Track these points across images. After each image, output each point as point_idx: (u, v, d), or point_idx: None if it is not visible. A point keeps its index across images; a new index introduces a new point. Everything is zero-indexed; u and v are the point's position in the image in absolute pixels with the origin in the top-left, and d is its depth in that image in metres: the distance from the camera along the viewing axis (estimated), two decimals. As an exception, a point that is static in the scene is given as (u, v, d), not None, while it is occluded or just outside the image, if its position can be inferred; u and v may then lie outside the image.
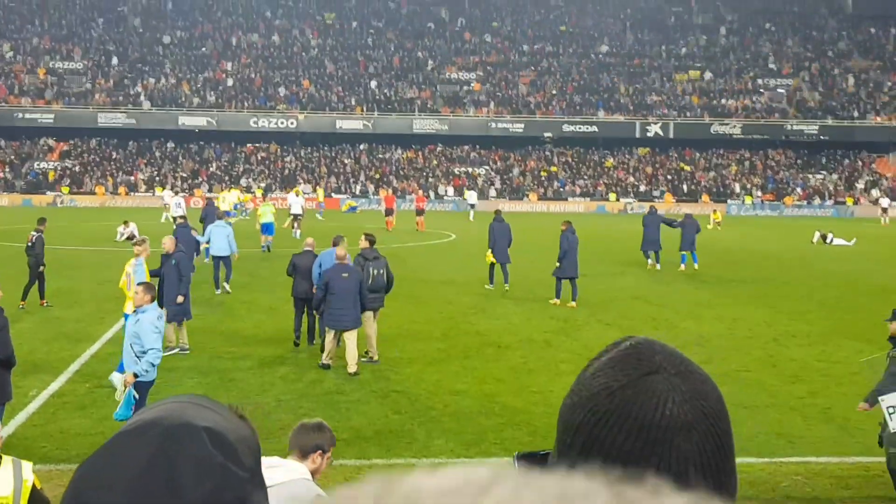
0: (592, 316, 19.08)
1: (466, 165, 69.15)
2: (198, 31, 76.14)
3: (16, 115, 65.07)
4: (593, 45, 79.01)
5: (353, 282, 13.41)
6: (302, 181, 64.62)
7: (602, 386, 1.07)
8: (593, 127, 69.33)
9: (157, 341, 9.61)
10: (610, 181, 68.39)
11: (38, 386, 12.34)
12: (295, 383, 12.97)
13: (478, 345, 15.82)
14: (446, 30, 79.65)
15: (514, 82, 73.58)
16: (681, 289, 23.69)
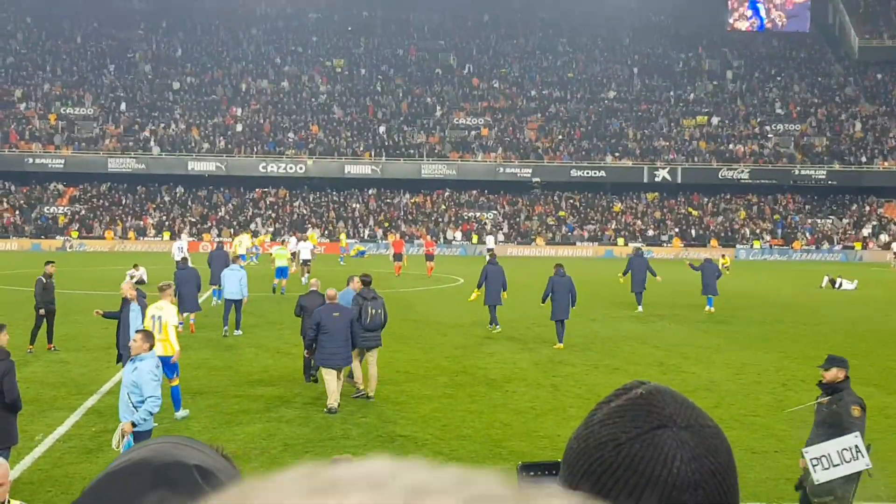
0: (600, 360, 18.97)
1: (475, 210, 69.32)
2: (207, 77, 76.87)
3: (26, 161, 65.59)
4: (601, 90, 79.51)
5: (345, 321, 13.68)
6: (311, 226, 64.88)
7: (610, 436, 1.04)
8: (601, 172, 69.54)
9: (155, 389, 9.57)
10: (618, 226, 68.43)
11: (45, 430, 12.29)
12: (301, 427, 12.88)
13: (485, 389, 15.71)
14: (454, 76, 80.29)
15: (522, 128, 74.00)
16: (689, 333, 23.55)
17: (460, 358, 18.91)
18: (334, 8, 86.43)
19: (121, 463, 0.95)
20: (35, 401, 14.01)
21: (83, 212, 65.89)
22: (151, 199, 68.09)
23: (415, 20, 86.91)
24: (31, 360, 17.85)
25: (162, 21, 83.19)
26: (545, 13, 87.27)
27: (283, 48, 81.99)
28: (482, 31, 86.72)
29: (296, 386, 15.59)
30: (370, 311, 14.43)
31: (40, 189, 67.70)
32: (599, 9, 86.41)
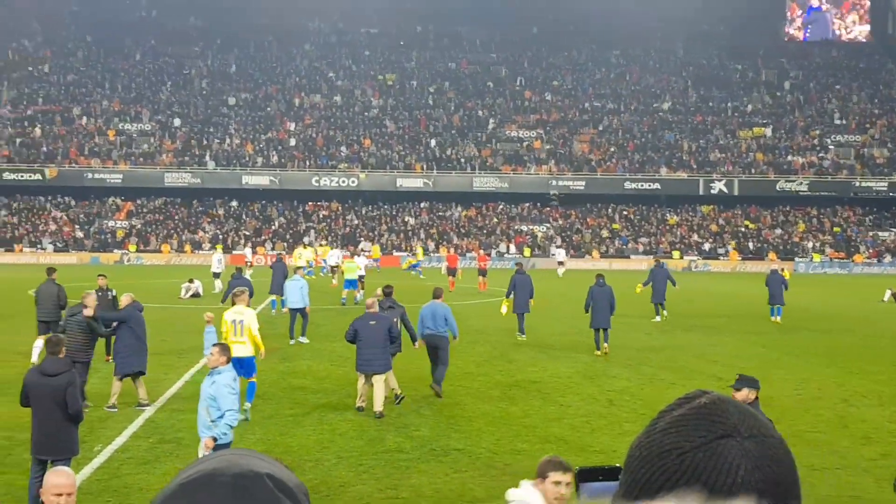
0: (656, 375, 18.70)
1: (527, 223, 69.04)
2: (261, 92, 77.68)
3: (86, 176, 66.74)
4: (655, 102, 78.83)
5: (382, 329, 14.20)
6: (363, 239, 65.16)
7: (673, 445, 1.02)
8: (656, 184, 68.87)
9: (233, 403, 9.53)
10: (673, 238, 67.68)
11: (103, 441, 12.38)
12: (355, 440, 12.82)
13: (539, 403, 15.56)
14: (506, 88, 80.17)
15: (575, 140, 73.60)
16: (747, 347, 23.14)
17: (513, 372, 18.80)
18: (386, 23, 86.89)
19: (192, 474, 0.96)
20: (93, 412, 14.10)
21: (140, 225, 66.86)
22: (207, 212, 68.88)
23: (466, 34, 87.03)
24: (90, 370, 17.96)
25: (217, 38, 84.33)
26: (597, 25, 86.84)
27: (335, 63, 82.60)
28: (533, 43, 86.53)
29: (350, 398, 15.51)
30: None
31: (99, 203, 68.84)
32: (652, 20, 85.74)
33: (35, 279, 43.59)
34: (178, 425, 13.46)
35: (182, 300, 33.17)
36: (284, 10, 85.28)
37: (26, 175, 66.18)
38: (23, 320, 26.48)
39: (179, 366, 18.89)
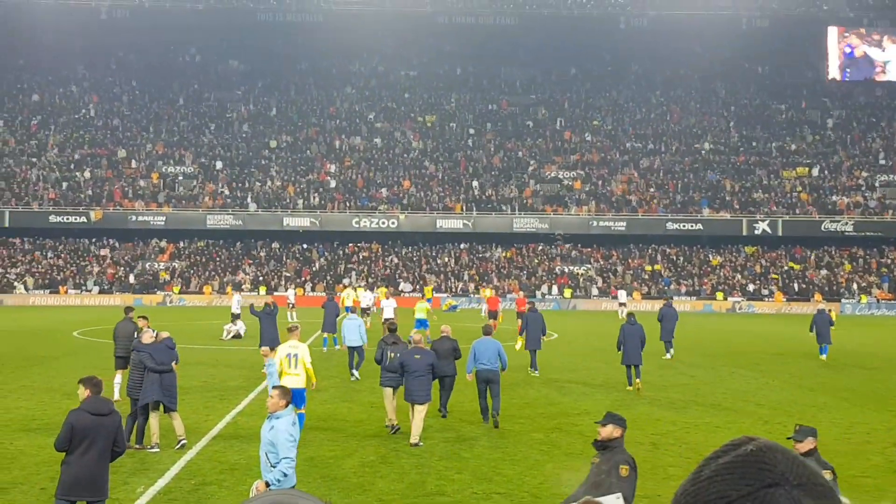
0: (700, 419, 18.28)
1: (567, 264, 68.69)
2: (302, 135, 78.43)
3: (130, 218, 67.60)
4: (696, 142, 78.43)
5: (426, 363, 15.32)
6: (402, 280, 65.19)
7: (719, 494, 0.99)
8: (698, 224, 68.26)
9: (290, 450, 9.27)
10: (716, 280, 66.92)
11: (146, 482, 12.34)
12: (396, 483, 12.63)
13: (581, 445, 15.15)
14: (546, 129, 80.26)
15: (616, 180, 73.31)
16: (793, 391, 22.62)
17: (556, 414, 18.57)
18: (426, 65, 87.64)
19: None
20: (136, 453, 14.15)
21: (182, 267, 67.45)
22: (248, 254, 69.37)
23: (506, 75, 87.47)
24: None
25: (258, 82, 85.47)
26: (637, 66, 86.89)
27: (375, 105, 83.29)
28: (573, 84, 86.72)
29: (390, 438, 15.46)
30: (390, 355, 16.15)
31: (143, 245, 69.62)
32: (693, 60, 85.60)
33: (80, 321, 44.18)
34: (220, 467, 13.38)
35: (224, 341, 33.27)
36: (325, 53, 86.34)
37: (72, 217, 67.19)
38: (67, 362, 26.69)
39: (221, 406, 18.87)
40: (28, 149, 75.00)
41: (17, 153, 74.32)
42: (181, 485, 12.36)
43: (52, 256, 68.08)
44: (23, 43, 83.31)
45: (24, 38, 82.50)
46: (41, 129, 77.55)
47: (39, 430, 15.75)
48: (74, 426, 9.01)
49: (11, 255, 67.97)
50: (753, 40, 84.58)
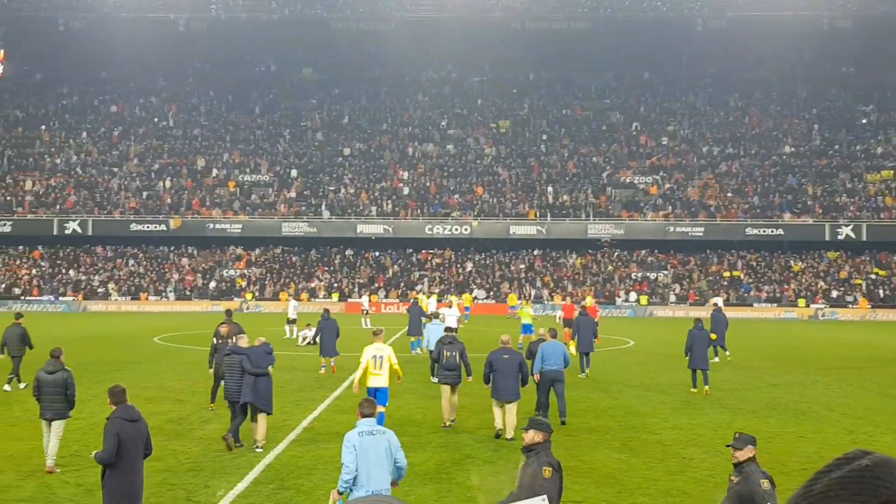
0: (783, 428, 17.72)
1: (643, 270, 67.73)
2: (375, 142, 78.80)
3: (207, 226, 68.65)
4: (776, 146, 76.69)
5: (514, 362, 15.95)
6: (475, 287, 64.98)
7: None
8: (779, 230, 66.68)
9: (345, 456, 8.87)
10: (798, 286, 65.30)
11: (226, 487, 12.42)
12: (472, 490, 12.40)
13: (660, 455, 14.90)
14: (621, 133, 79.34)
15: (693, 185, 72.06)
16: (879, 399, 21.82)
17: (633, 422, 18.22)
18: (499, 71, 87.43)
19: None
20: (217, 458, 14.29)
21: (258, 274, 68.24)
22: (322, 261, 69.89)
23: (579, 80, 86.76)
24: (212, 417, 18.31)
25: (332, 90, 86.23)
26: (715, 68, 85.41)
27: (448, 112, 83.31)
28: (648, 88, 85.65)
29: (466, 445, 15.31)
30: (446, 354, 17.14)
31: (220, 252, 70.66)
32: (773, 62, 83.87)
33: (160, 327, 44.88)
34: (297, 471, 13.41)
35: (299, 347, 33.43)
36: (398, 61, 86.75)
37: (152, 226, 68.51)
38: (149, 367, 27.06)
39: (297, 412, 18.92)
40: (110, 159, 76.77)
41: (100, 163, 76.14)
42: (260, 488, 12.40)
43: (133, 264, 69.50)
44: (105, 56, 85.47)
45: (106, 51, 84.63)
46: (122, 140, 79.31)
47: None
48: (120, 436, 9.03)
49: (94, 262, 69.61)
50: (835, 41, 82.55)
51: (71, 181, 73.63)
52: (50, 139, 79.05)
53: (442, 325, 24.28)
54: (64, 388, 13.19)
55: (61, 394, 13.20)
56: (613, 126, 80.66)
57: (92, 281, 67.19)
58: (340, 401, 20.70)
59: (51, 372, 13.26)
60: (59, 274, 68.12)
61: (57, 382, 13.13)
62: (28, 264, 69.36)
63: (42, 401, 13.29)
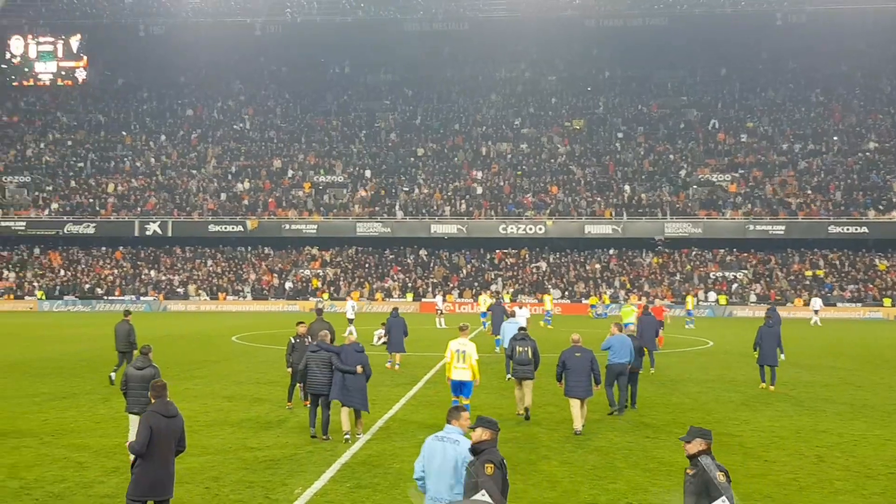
0: (869, 430, 17.17)
1: (722, 269, 66.50)
2: (449, 142, 78.84)
3: (283, 227, 69.47)
4: (860, 142, 74.62)
5: (585, 360, 16.61)
6: (551, 287, 64.57)
7: None
8: (863, 227, 64.87)
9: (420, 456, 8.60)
10: (884, 285, 63.43)
11: (303, 484, 12.45)
12: (548, 491, 12.22)
13: (741, 458, 14.56)
14: (698, 131, 78.02)
15: (773, 182, 70.50)
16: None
17: (712, 424, 17.73)
18: (574, 69, 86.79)
19: None
20: (293, 456, 14.41)
21: (333, 274, 68.80)
22: (396, 261, 70.17)
23: (656, 77, 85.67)
24: (289, 416, 18.41)
25: (406, 91, 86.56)
26: (795, 63, 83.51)
27: (522, 111, 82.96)
28: (726, 84, 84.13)
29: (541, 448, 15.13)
30: (518, 350, 17.89)
31: (296, 253, 71.44)
32: (856, 56, 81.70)
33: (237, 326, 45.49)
34: (374, 470, 13.40)
35: (374, 346, 33.52)
36: (471, 61, 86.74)
37: (229, 227, 69.59)
38: (227, 365, 27.41)
39: (373, 409, 18.81)
40: (188, 161, 78.22)
41: (179, 165, 77.64)
42: (337, 487, 12.39)
43: (211, 264, 70.69)
44: (183, 61, 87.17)
45: (184, 56, 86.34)
46: (201, 143, 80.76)
47: (200, 430, 16.10)
48: (153, 428, 9.19)
49: (174, 263, 71.00)
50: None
51: (151, 183, 75.22)
52: (131, 143, 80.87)
53: (517, 323, 24.56)
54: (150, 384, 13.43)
55: (147, 389, 13.37)
56: (690, 123, 79.40)
57: (172, 281, 68.52)
58: (416, 398, 20.70)
59: (139, 368, 13.73)
60: (141, 274, 69.64)
61: (144, 378, 13.53)
62: (111, 265, 71.07)
63: (129, 395, 13.73)
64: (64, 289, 68.01)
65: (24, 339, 37.66)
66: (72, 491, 12.14)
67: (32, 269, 70.81)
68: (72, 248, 72.75)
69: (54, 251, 72.52)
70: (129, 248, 72.38)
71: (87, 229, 70.36)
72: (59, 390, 21.74)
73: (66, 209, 72.11)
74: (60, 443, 15.40)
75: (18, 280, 69.35)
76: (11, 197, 74.40)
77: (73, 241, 72.26)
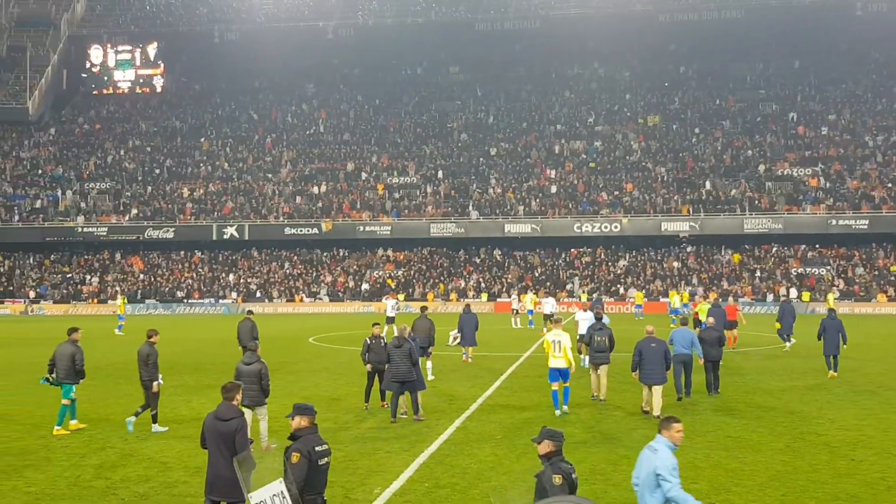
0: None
1: (804, 266, 64.96)
2: (521, 142, 78.48)
3: (358, 229, 69.94)
4: (948, 132, 72.19)
5: (660, 350, 18.02)
6: (631, 286, 63.85)
7: None
8: (956, 221, 62.68)
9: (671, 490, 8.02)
10: (974, 280, 61.32)
11: (382, 484, 12.50)
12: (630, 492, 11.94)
13: (827, 457, 14.25)
14: (777, 124, 76.35)
15: (855, 176, 68.63)
16: None
17: (796, 423, 17.48)
18: (647, 65, 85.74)
19: None
20: (372, 455, 14.47)
21: (407, 275, 69.00)
22: (470, 261, 70.08)
23: (732, 70, 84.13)
24: (366, 416, 18.50)
25: (477, 90, 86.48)
26: (878, 53, 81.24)
27: (596, 108, 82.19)
28: (805, 76, 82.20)
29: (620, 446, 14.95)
30: (596, 339, 19.76)
31: (370, 254, 71.86)
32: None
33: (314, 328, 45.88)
34: (451, 471, 13.37)
35: (449, 347, 33.49)
36: (543, 58, 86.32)
37: (305, 229, 70.32)
38: (305, 367, 27.62)
39: (451, 411, 18.92)
40: (264, 165, 79.28)
41: (255, 169, 78.73)
42: (415, 487, 12.41)
43: (287, 266, 71.51)
44: (257, 66, 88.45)
45: (258, 61, 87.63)
46: (275, 147, 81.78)
47: (280, 431, 16.18)
48: (205, 428, 9.50)
49: (251, 266, 71.99)
50: None
51: (228, 188, 76.41)
52: (207, 148, 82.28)
53: (589, 314, 25.59)
54: (259, 378, 14.65)
55: (256, 383, 14.61)
56: (769, 117, 77.75)
57: (249, 284, 69.48)
58: (493, 399, 20.58)
59: (248, 363, 14.79)
60: (218, 277, 70.77)
61: (253, 372, 14.60)
62: (189, 268, 72.38)
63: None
64: (145, 293, 69.47)
65: (108, 342, 38.48)
66: (156, 491, 12.36)
67: (114, 273, 72.51)
68: (152, 252, 74.27)
69: (135, 256, 74.14)
70: (207, 252, 73.62)
71: (166, 234, 71.78)
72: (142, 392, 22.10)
73: (146, 214, 73.67)
74: (145, 443, 15.68)
75: (101, 285, 71.06)
76: (94, 203, 76.29)
77: (153, 245, 73.76)
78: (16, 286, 71.51)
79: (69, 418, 16.93)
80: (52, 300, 69.28)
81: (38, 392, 20.19)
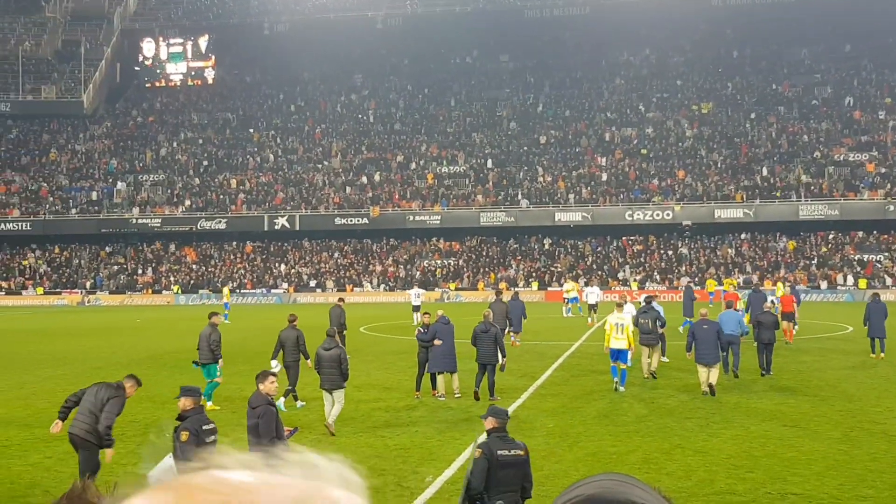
0: None
1: (862, 253, 63.73)
2: (571, 129, 77.92)
3: (408, 218, 70.03)
4: None
5: (712, 332, 19.10)
6: (685, 275, 63.21)
7: None
8: None
9: None
10: None
11: (434, 472, 12.56)
12: (683, 480, 11.99)
13: (886, 446, 14.04)
14: (833, 109, 74.88)
15: (914, 160, 67.11)
16: None
17: (854, 411, 17.25)
18: (701, 50, 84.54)
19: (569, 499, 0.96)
20: (424, 444, 14.56)
21: (457, 264, 68.96)
22: (521, 250, 69.83)
23: (787, 55, 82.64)
24: (418, 405, 18.57)
25: (526, 79, 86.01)
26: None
27: (646, 95, 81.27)
28: (862, 60, 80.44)
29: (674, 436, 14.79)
30: (641, 321, 21.07)
31: (420, 243, 71.92)
32: None
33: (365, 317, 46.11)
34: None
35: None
36: (593, 45, 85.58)
37: (354, 219, 70.60)
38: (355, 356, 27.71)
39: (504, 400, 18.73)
40: (314, 156, 79.71)
41: (305, 160, 79.19)
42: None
43: (338, 256, 71.87)
44: (306, 57, 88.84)
45: (307, 52, 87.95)
46: (325, 137, 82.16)
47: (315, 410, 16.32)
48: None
49: (302, 256, 72.48)
50: None
51: (279, 178, 76.96)
52: (258, 139, 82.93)
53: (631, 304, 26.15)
54: (338, 363, 15.40)
55: (336, 367, 15.39)
56: (825, 101, 76.30)
57: (301, 273, 69.97)
58: (544, 388, 20.50)
59: (327, 349, 15.58)
60: (270, 268, 71.37)
61: (332, 358, 15.39)
62: (241, 259, 73.09)
63: (322, 373, 15.53)
64: (198, 283, 70.32)
65: (164, 331, 39.02)
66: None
67: (168, 264, 73.47)
68: (204, 243, 75.10)
69: (188, 246, 75.04)
70: (259, 243, 74.25)
71: (218, 225, 72.56)
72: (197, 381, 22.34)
73: (199, 206, 74.49)
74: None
75: (156, 275, 72.07)
76: (147, 195, 77.35)
77: (205, 236, 74.57)
78: (74, 277, 72.84)
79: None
80: (107, 291, 70.43)
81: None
